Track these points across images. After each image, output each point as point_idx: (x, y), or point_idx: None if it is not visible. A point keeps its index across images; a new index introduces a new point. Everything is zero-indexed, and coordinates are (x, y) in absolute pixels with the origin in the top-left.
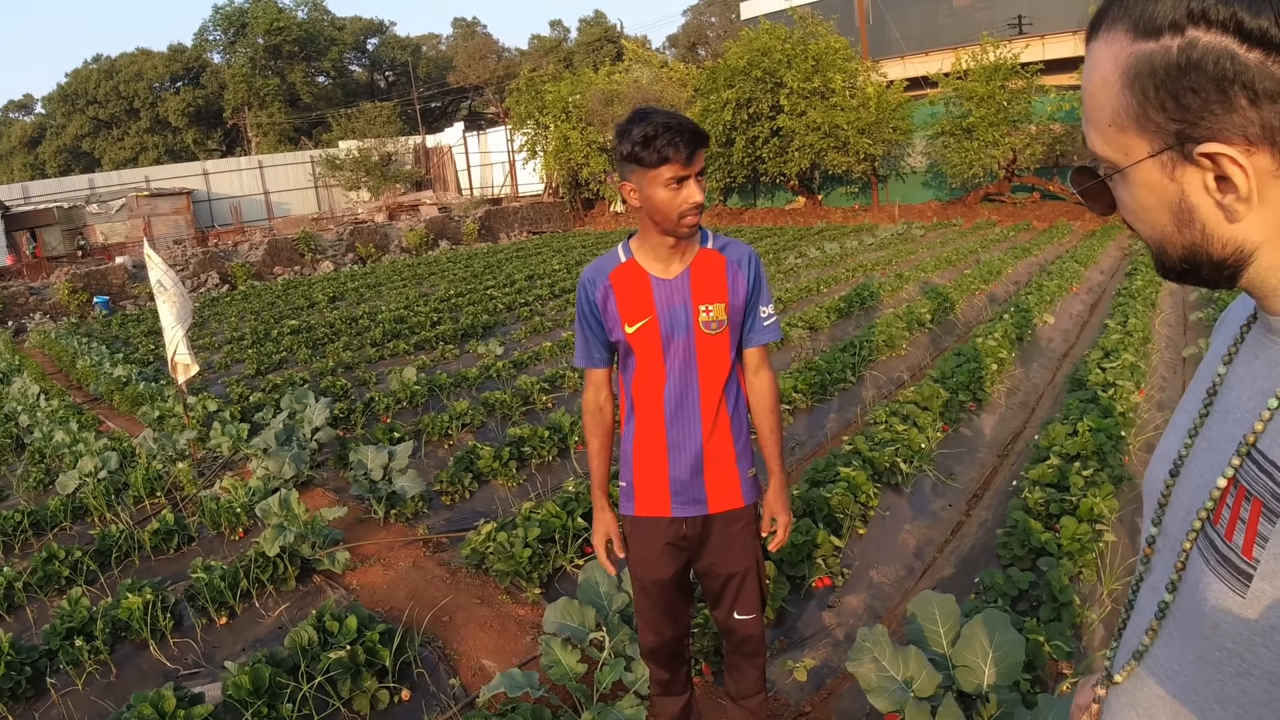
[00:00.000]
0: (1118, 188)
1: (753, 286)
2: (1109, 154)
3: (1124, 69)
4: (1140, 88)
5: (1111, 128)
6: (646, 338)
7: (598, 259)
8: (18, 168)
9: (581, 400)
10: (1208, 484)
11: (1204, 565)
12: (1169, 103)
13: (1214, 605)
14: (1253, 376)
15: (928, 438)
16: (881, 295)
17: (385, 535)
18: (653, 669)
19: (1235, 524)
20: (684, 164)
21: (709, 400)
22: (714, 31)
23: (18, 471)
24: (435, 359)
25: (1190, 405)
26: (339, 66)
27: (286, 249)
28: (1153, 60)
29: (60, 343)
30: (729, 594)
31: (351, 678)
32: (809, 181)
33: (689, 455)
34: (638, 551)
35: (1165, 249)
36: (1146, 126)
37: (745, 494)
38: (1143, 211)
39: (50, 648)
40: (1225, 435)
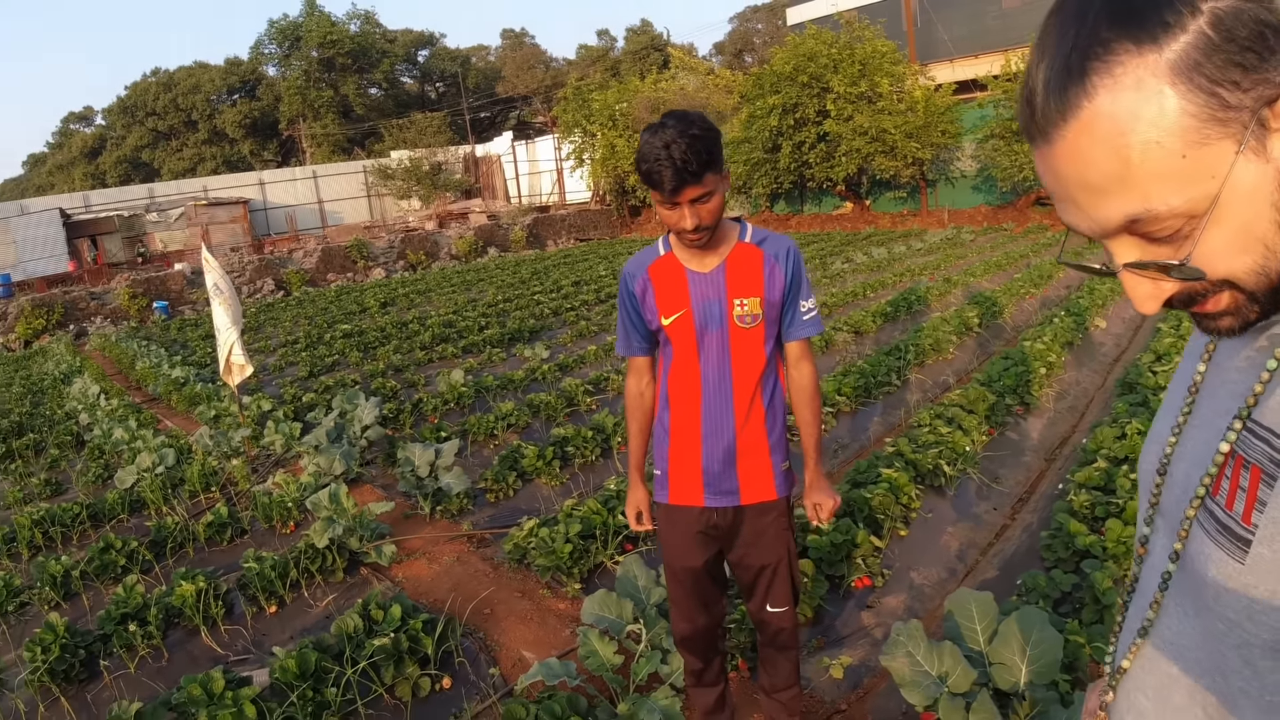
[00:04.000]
0: (1204, 234)
1: (791, 281)
2: (1191, 196)
3: (1174, 77)
4: (1205, 77)
5: (1187, 156)
6: (682, 330)
7: (640, 252)
8: (78, 177)
9: (624, 386)
10: (1204, 458)
11: (1205, 537)
12: (1236, 73)
13: (1215, 575)
14: (1239, 351)
15: (972, 441)
16: (929, 300)
17: (431, 530)
18: (686, 658)
19: (1235, 493)
20: (667, 196)
21: (743, 393)
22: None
23: (77, 467)
24: (482, 362)
25: (1173, 402)
26: (390, 78)
27: (339, 256)
28: (1198, 47)
29: (120, 345)
30: (761, 586)
31: (394, 665)
32: (856, 187)
33: (722, 447)
34: (670, 539)
35: (1268, 271)
36: (1228, 117)
37: (778, 487)
38: (1245, 235)
39: (105, 632)
40: (1216, 410)
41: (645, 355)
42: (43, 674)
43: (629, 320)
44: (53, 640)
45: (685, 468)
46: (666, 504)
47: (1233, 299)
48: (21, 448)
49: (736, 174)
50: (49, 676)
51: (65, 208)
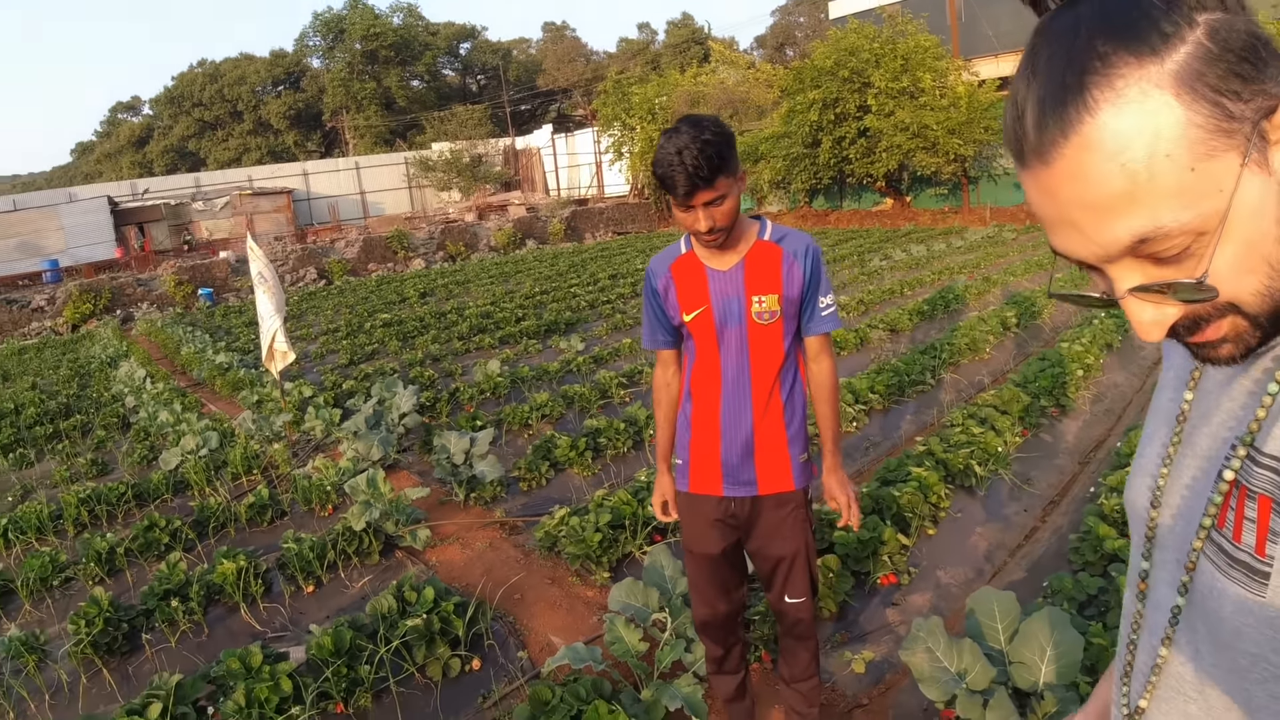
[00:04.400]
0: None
1: (810, 278)
2: (1200, 212)
3: (1178, 88)
4: (1208, 87)
5: (1196, 170)
6: (702, 326)
7: (663, 250)
8: (126, 166)
9: (653, 376)
10: (1204, 489)
11: (1217, 572)
12: (1236, 84)
13: (1233, 611)
14: (1231, 378)
15: (1005, 442)
16: (967, 298)
17: (464, 516)
18: (707, 644)
19: (1242, 524)
20: (680, 200)
21: (761, 387)
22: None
23: (123, 448)
24: (518, 353)
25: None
26: (433, 71)
27: (380, 247)
28: (1198, 57)
29: (166, 331)
30: (779, 577)
31: (426, 645)
32: (897, 183)
33: (740, 439)
34: (690, 526)
35: (1274, 286)
36: (1233, 128)
37: (796, 478)
38: (1251, 253)
39: (147, 607)
40: (1212, 438)
41: (670, 348)
42: (86, 646)
43: (653, 316)
44: (96, 614)
45: (705, 458)
46: (687, 492)
47: (1234, 325)
48: (69, 428)
49: (775, 169)
50: (92, 649)
51: (113, 195)
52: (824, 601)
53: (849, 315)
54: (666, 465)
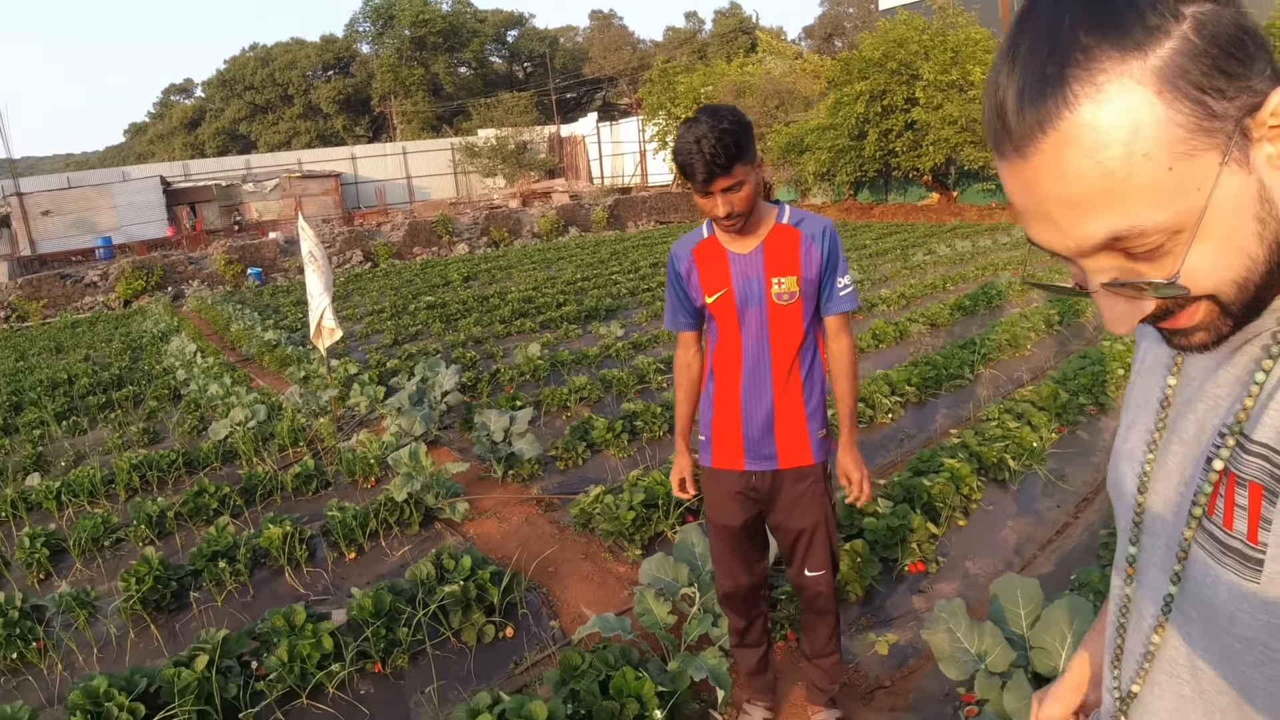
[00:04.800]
0: (1192, 251)
1: (828, 259)
2: (1177, 211)
3: (1160, 85)
4: (1192, 85)
5: (1174, 169)
6: (724, 307)
7: (685, 235)
8: (178, 147)
9: (675, 357)
10: (1191, 476)
11: (1209, 559)
12: (1220, 81)
13: (1228, 597)
14: (1215, 364)
15: (1041, 437)
16: (1009, 295)
17: (502, 492)
18: (730, 616)
19: (1232, 511)
20: (699, 186)
21: (780, 365)
22: (851, 23)
23: (173, 418)
24: (559, 337)
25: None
26: (480, 57)
27: (425, 231)
28: (1183, 53)
29: (215, 308)
30: (799, 551)
31: (462, 610)
32: (943, 177)
33: (761, 415)
34: (713, 499)
35: (1248, 284)
36: (1214, 127)
37: (815, 453)
38: (1229, 249)
39: (195, 568)
40: (1199, 425)
41: (691, 330)
42: (135, 603)
43: (676, 298)
44: (147, 572)
45: (727, 434)
46: (710, 467)
47: (1208, 312)
48: (121, 399)
49: (820, 161)
50: (141, 605)
51: (166, 175)
52: (850, 585)
53: (889, 309)
54: (685, 444)
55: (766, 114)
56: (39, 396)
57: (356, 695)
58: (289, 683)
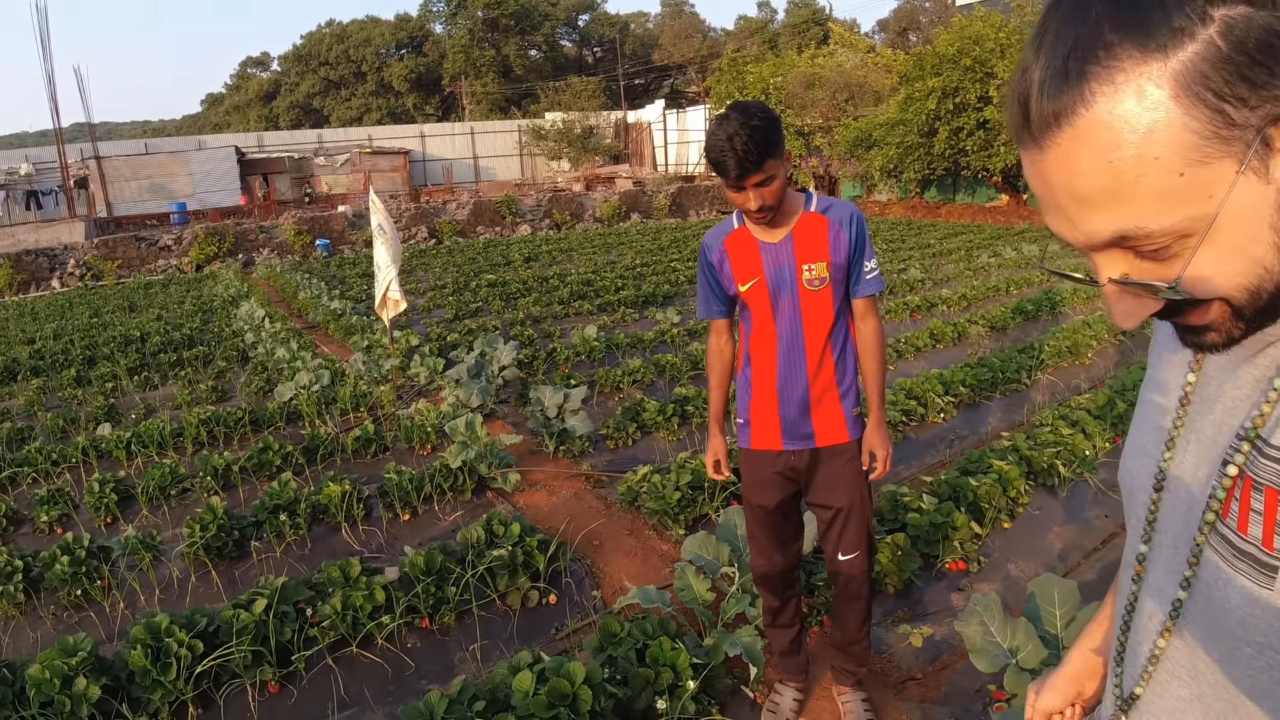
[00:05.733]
0: (1200, 256)
1: (855, 244)
2: (1186, 216)
3: (1178, 90)
4: (1212, 92)
5: (1185, 175)
6: (757, 295)
7: (717, 225)
8: (253, 119)
9: (707, 344)
10: (1207, 477)
11: (1221, 563)
12: (1243, 89)
13: (1240, 602)
14: (1235, 363)
15: (1094, 446)
16: (1074, 302)
17: (552, 466)
18: (764, 595)
19: (1247, 515)
20: (732, 181)
21: (814, 349)
22: (926, 17)
23: (241, 379)
24: (615, 321)
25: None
26: (550, 41)
27: (489, 211)
28: (1206, 58)
29: (284, 276)
30: (835, 531)
31: (509, 575)
32: (1014, 179)
33: (797, 397)
34: (751, 479)
35: (1260, 291)
36: (1232, 135)
37: (850, 430)
38: (1241, 256)
39: (257, 519)
40: (1217, 426)
41: (724, 317)
42: (198, 548)
43: (708, 287)
44: (211, 520)
45: (765, 416)
46: (749, 449)
47: (1220, 313)
48: (191, 358)
49: (888, 157)
50: (203, 551)
51: (240, 146)
52: (889, 577)
53: (950, 309)
54: (719, 427)
55: (835, 107)
56: (112, 352)
57: (404, 647)
58: (340, 631)
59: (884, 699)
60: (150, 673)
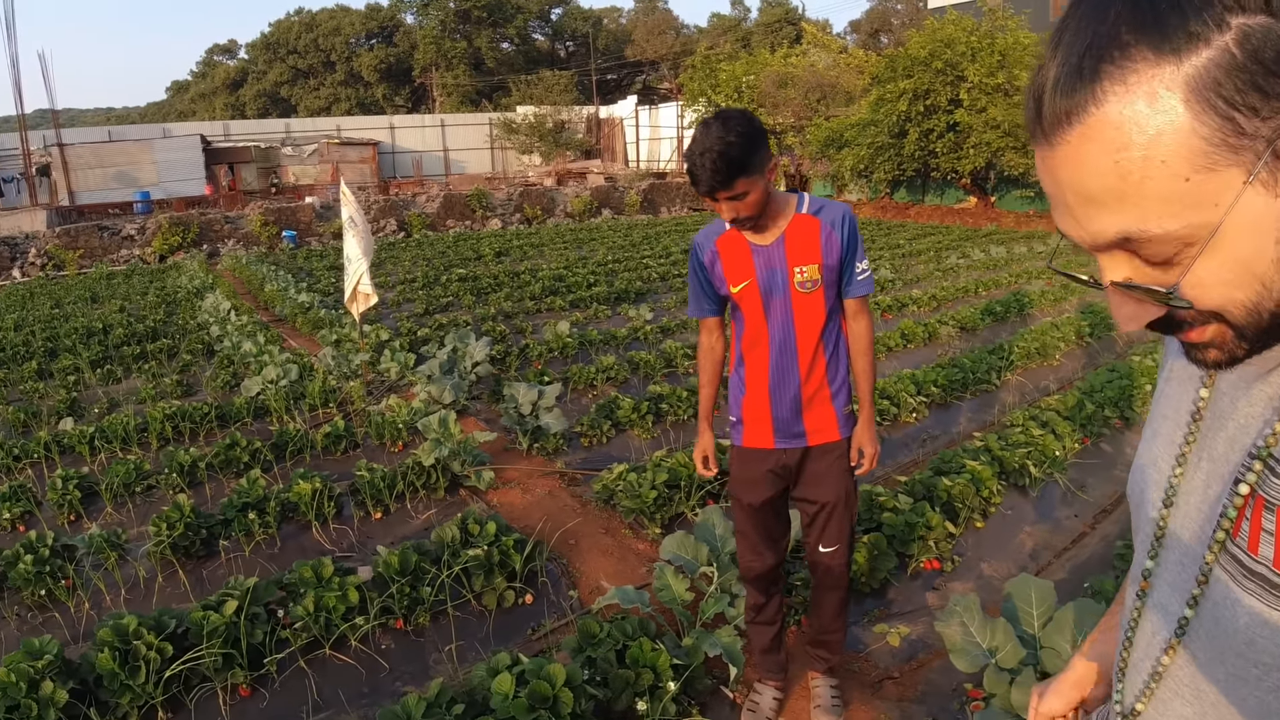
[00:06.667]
0: (1199, 263)
1: (847, 245)
2: (1189, 222)
3: (1189, 94)
4: (1223, 100)
5: (1191, 181)
6: (749, 297)
7: (708, 224)
8: (219, 107)
9: (699, 342)
10: (1217, 495)
11: (1230, 582)
12: (1255, 99)
13: (1248, 622)
14: (1249, 380)
15: (1064, 447)
16: (1042, 304)
17: (526, 464)
18: (749, 591)
19: (1258, 535)
20: (703, 195)
21: (805, 350)
22: (898, 19)
23: (207, 373)
24: (588, 317)
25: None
26: (523, 34)
27: (460, 204)
28: (1219, 65)
29: (250, 268)
30: (818, 524)
31: (485, 575)
32: (982, 181)
33: (789, 398)
34: (742, 476)
35: (1260, 309)
36: (1241, 144)
37: (841, 428)
38: (1242, 270)
39: (225, 517)
40: (1228, 443)
41: (715, 316)
42: (165, 547)
43: (700, 287)
44: (178, 518)
45: (758, 415)
46: (741, 447)
47: (1219, 332)
48: (155, 351)
49: (859, 157)
50: (170, 550)
51: (206, 134)
52: (865, 578)
53: (920, 310)
54: (708, 423)
55: (808, 107)
56: (74, 344)
57: (378, 649)
58: (313, 632)
59: (862, 698)
60: (119, 676)
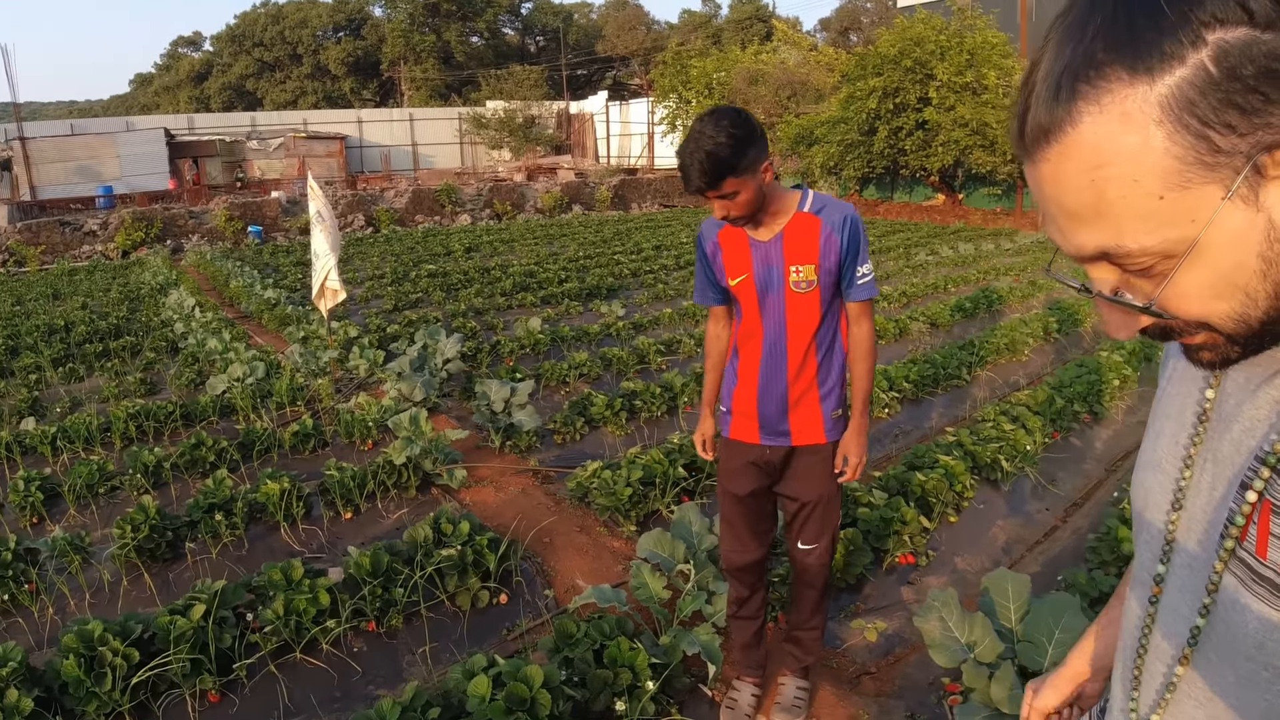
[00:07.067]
0: (1179, 276)
1: (847, 248)
2: (1166, 238)
3: (1161, 114)
4: (1196, 119)
5: (1165, 198)
6: (745, 291)
7: (711, 216)
8: (183, 100)
9: (706, 329)
10: (1225, 498)
11: (1240, 587)
12: (1233, 116)
13: (1258, 626)
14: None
15: (1035, 441)
16: (1010, 300)
17: (499, 462)
18: (732, 585)
19: (1267, 539)
20: (692, 194)
21: (796, 350)
22: (868, 18)
23: (171, 371)
24: (560, 313)
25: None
26: (493, 28)
27: (429, 199)
28: (1194, 84)
29: (215, 264)
30: (799, 521)
31: (458, 574)
32: (951, 179)
33: (776, 396)
34: (727, 465)
35: (1247, 318)
36: (1217, 161)
37: (828, 432)
38: (1224, 282)
39: (191, 519)
40: (1235, 446)
41: (721, 305)
42: (130, 550)
43: (705, 275)
44: (143, 520)
45: (745, 410)
46: (727, 438)
47: (1210, 338)
48: (118, 348)
49: (828, 154)
50: (135, 553)
51: (170, 128)
52: (841, 573)
53: (890, 306)
54: (710, 410)
55: (778, 104)
56: (35, 342)
57: (350, 652)
58: (284, 636)
59: (839, 694)
60: (84, 683)
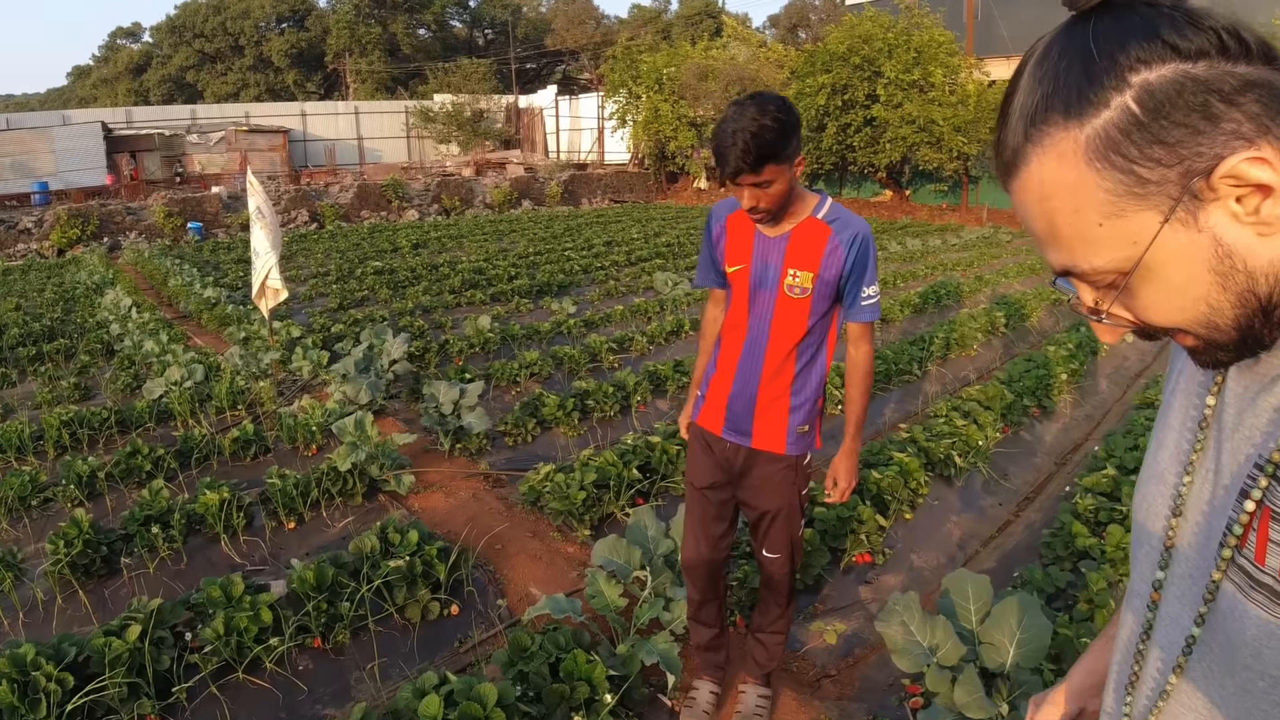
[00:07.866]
0: (1137, 290)
1: (853, 266)
2: (1112, 259)
3: (1089, 155)
4: (1121, 156)
5: (1104, 225)
6: (740, 282)
7: (727, 198)
8: (122, 93)
9: (704, 310)
10: (1224, 506)
11: (1238, 593)
12: (1158, 151)
13: (1255, 634)
14: (1255, 390)
15: (986, 436)
16: (958, 295)
17: (449, 466)
18: (689, 586)
19: (1266, 546)
20: (728, 178)
21: (775, 354)
22: (816, 15)
23: (106, 375)
24: (509, 311)
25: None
26: (440, 20)
27: (375, 194)
28: (1117, 126)
29: (153, 262)
30: (761, 530)
31: (407, 586)
32: (898, 175)
33: (746, 394)
34: (692, 451)
35: (1216, 325)
36: (1147, 191)
37: (789, 445)
38: (1180, 294)
39: (127, 532)
40: (1235, 453)
41: (720, 288)
42: (63, 567)
43: (707, 256)
44: (76, 535)
45: (716, 399)
46: (695, 423)
47: (1194, 342)
48: (52, 351)
49: None
50: (69, 570)
51: (107, 121)
52: (800, 574)
53: None
54: (699, 392)
55: (728, 100)
56: None
57: (295, 670)
58: (225, 656)
59: (801, 698)
60: (19, 710)
